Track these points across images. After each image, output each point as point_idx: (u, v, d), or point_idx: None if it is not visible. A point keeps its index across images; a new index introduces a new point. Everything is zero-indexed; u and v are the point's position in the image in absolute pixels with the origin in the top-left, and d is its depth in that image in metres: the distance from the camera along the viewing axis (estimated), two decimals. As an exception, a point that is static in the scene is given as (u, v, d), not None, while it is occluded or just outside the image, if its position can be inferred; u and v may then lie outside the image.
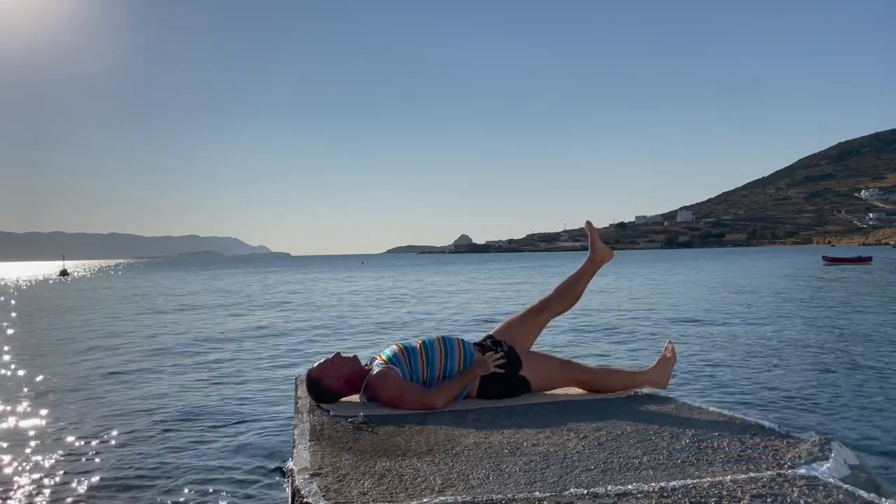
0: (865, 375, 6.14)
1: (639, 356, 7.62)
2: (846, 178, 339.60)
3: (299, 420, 2.72)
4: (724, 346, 8.28)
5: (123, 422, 4.95)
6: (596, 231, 3.38)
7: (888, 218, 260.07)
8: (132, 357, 8.50)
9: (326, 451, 2.22)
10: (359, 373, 3.00)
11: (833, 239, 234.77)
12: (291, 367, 7.23)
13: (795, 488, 1.70)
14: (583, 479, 1.87)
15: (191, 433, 4.57)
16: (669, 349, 3.22)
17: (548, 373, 3.13)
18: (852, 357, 7.20)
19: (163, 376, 6.99)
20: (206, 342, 9.97)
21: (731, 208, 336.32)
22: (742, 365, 6.86)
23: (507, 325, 3.28)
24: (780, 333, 9.40)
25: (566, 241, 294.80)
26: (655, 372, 3.17)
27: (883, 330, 9.52)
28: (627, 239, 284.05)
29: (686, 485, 1.76)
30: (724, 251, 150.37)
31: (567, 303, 3.34)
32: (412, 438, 2.37)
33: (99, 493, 3.42)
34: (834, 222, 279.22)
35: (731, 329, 10.04)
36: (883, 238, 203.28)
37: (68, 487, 3.50)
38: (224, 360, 8.09)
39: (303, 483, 1.88)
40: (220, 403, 5.52)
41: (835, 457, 1.95)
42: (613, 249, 3.44)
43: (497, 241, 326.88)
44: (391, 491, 1.81)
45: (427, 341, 3.04)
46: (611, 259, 3.44)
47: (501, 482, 1.87)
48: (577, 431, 2.40)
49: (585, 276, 3.37)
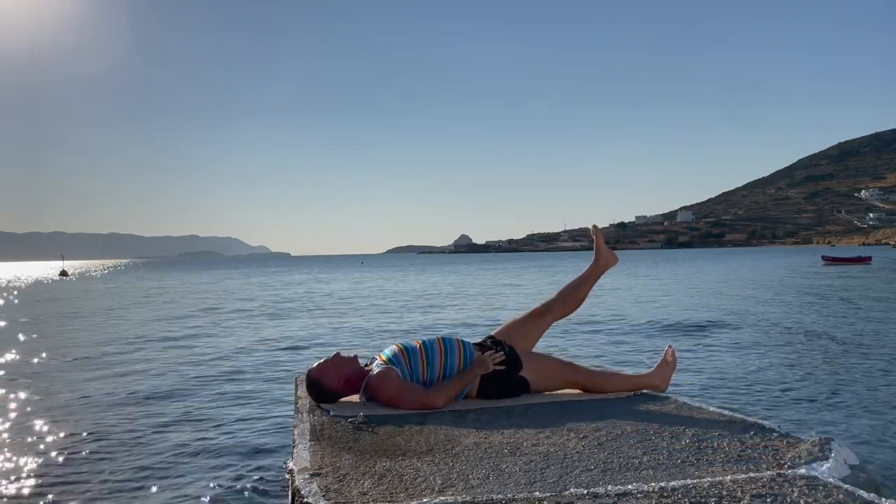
0: (865, 375, 6.14)
1: (639, 358, 7.62)
2: (846, 178, 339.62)
3: (299, 420, 2.72)
4: (723, 346, 8.28)
5: (123, 422, 4.95)
6: (601, 236, 3.39)
7: (888, 218, 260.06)
8: (133, 356, 8.51)
9: (326, 451, 2.22)
10: (358, 373, 3.00)
11: (833, 239, 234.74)
12: (293, 367, 7.23)
13: (795, 488, 1.70)
14: (583, 479, 1.87)
15: (191, 433, 4.57)
16: (670, 353, 3.22)
17: (548, 374, 3.13)
18: (852, 357, 7.20)
19: (162, 376, 6.98)
20: (208, 342, 9.97)
21: (731, 208, 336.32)
22: (742, 365, 6.86)
23: (508, 327, 3.28)
24: (780, 333, 9.40)
25: (566, 241, 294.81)
26: (655, 375, 3.16)
27: (882, 330, 9.52)
28: (627, 239, 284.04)
29: (686, 485, 1.76)
30: (723, 251, 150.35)
31: (569, 307, 3.34)
32: (412, 438, 2.37)
33: (98, 493, 3.42)
34: (834, 222, 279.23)
35: (731, 329, 10.03)
36: (883, 238, 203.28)
37: (66, 487, 3.50)
38: (223, 360, 8.09)
39: (303, 483, 1.88)
40: (221, 403, 5.52)
41: (835, 457, 1.95)
42: (613, 249, 3.44)
43: (497, 241, 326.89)
44: (391, 491, 1.81)
45: (427, 341, 3.04)
46: (616, 264, 3.45)
47: (501, 482, 1.87)
48: (577, 431, 2.40)
49: (589, 280, 3.37)
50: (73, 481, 3.59)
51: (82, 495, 3.40)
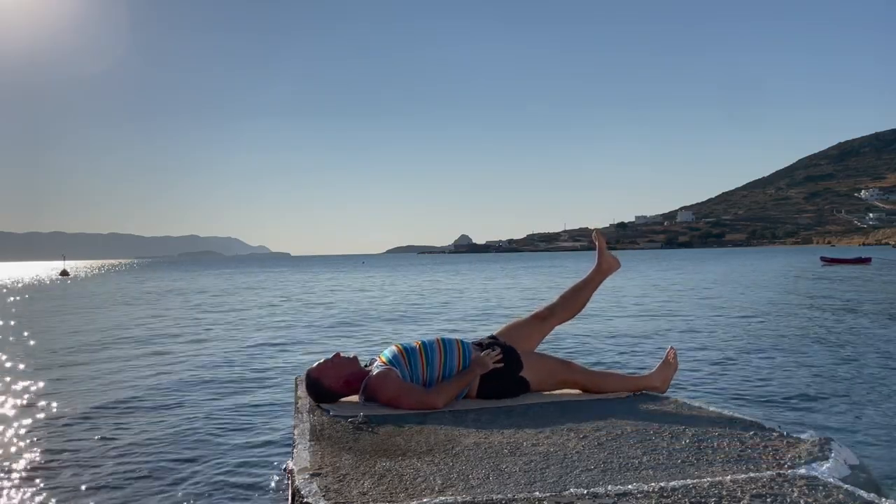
0: (865, 376, 6.14)
1: (639, 359, 7.62)
2: (846, 178, 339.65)
3: (299, 420, 2.72)
4: (723, 346, 8.28)
5: (122, 421, 4.95)
6: (604, 241, 3.39)
7: (888, 218, 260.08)
8: (132, 355, 8.51)
9: (326, 451, 2.22)
10: (358, 374, 3.00)
11: (833, 239, 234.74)
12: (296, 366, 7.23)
13: (795, 488, 1.70)
14: (583, 479, 1.87)
15: (190, 432, 4.57)
16: (672, 354, 3.22)
17: (548, 374, 3.13)
18: (851, 357, 7.20)
19: (162, 377, 6.98)
20: (208, 341, 9.97)
21: (731, 208, 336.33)
22: (742, 365, 6.86)
23: (509, 328, 3.28)
24: (779, 334, 9.39)
25: (566, 240, 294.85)
26: (656, 376, 3.16)
27: (881, 331, 9.52)
28: (627, 239, 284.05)
29: (686, 485, 1.76)
30: (723, 251, 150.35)
31: (571, 311, 3.35)
32: (412, 438, 2.37)
33: (97, 493, 3.42)
34: (834, 222, 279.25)
35: (730, 329, 10.03)
36: (883, 238, 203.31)
37: (65, 487, 3.50)
38: (225, 359, 8.09)
39: (303, 483, 1.88)
40: (221, 403, 5.52)
41: (835, 457, 1.95)
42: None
43: (497, 241, 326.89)
44: (391, 491, 1.81)
45: (426, 342, 3.04)
46: (618, 269, 3.45)
47: (501, 482, 1.87)
48: (577, 431, 2.40)
49: (591, 284, 3.37)
50: (73, 481, 3.59)
51: (82, 495, 3.40)
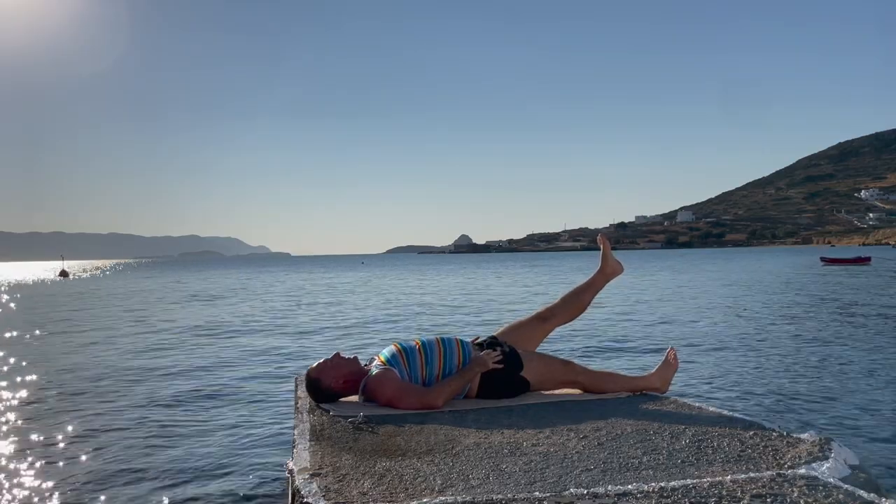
0: (864, 376, 6.14)
1: (638, 359, 7.62)
2: (846, 178, 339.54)
3: (299, 420, 2.72)
4: (723, 346, 8.28)
5: (122, 421, 4.95)
6: (608, 244, 3.39)
7: (888, 218, 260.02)
8: (132, 354, 8.51)
9: (326, 451, 2.22)
10: (358, 374, 3.00)
11: (833, 239, 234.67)
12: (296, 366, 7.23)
13: (795, 488, 1.70)
14: (583, 479, 1.86)
15: (190, 432, 4.57)
16: (672, 354, 3.21)
17: (548, 374, 3.12)
18: (851, 357, 7.20)
19: (162, 375, 6.98)
20: (208, 342, 9.97)
21: (731, 208, 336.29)
22: (742, 365, 6.87)
23: (510, 329, 3.27)
24: (779, 334, 9.39)
25: (566, 240, 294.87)
26: (656, 377, 3.16)
27: (881, 331, 9.52)
28: (627, 239, 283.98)
29: (686, 485, 1.76)
30: (723, 251, 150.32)
31: (573, 313, 3.34)
32: (412, 438, 2.36)
33: (97, 493, 3.42)
34: (834, 222, 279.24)
35: (730, 330, 10.03)
36: (883, 238, 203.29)
37: (64, 487, 3.50)
38: (224, 358, 8.09)
39: (303, 483, 1.88)
40: (221, 402, 5.52)
41: (835, 457, 1.95)
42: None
43: (497, 241, 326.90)
44: (391, 491, 1.81)
45: (425, 341, 3.03)
46: (621, 273, 3.45)
47: (501, 482, 1.86)
48: (577, 431, 2.40)
49: (593, 287, 3.37)
50: (73, 482, 3.59)
51: (82, 496, 3.40)
